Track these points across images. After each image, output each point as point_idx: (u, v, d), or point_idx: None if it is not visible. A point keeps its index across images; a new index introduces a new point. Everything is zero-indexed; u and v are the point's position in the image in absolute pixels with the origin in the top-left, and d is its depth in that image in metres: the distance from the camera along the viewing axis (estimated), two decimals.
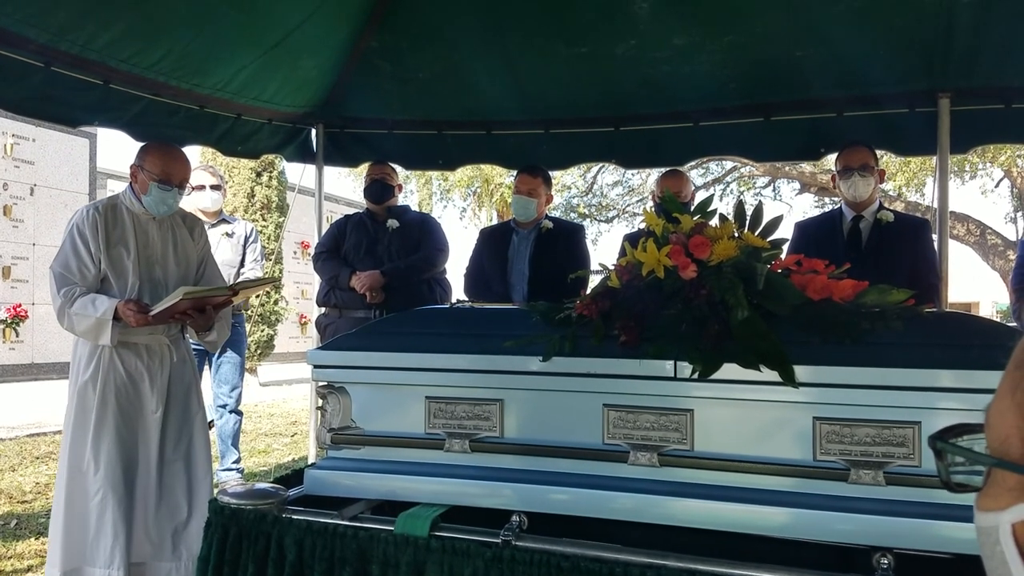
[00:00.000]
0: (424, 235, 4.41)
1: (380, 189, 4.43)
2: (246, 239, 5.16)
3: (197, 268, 3.28)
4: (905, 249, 3.44)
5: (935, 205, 4.11)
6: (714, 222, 2.00)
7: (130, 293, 3.01)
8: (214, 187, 4.98)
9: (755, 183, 17.19)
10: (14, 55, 3.13)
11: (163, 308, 2.87)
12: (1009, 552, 0.70)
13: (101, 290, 3.01)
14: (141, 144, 3.24)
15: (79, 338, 3.04)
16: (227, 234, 5.00)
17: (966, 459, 0.77)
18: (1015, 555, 0.70)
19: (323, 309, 4.50)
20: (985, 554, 0.74)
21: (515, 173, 4.31)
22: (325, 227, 4.77)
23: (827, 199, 15.38)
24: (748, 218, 2.01)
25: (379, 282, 4.18)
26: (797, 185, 16.31)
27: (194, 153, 10.85)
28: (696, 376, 1.73)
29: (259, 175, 13.34)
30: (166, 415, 3.09)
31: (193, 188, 4.96)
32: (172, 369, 3.13)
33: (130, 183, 3.14)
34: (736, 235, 1.94)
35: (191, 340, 3.31)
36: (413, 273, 4.27)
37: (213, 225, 4.97)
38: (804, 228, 3.77)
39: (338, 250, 4.43)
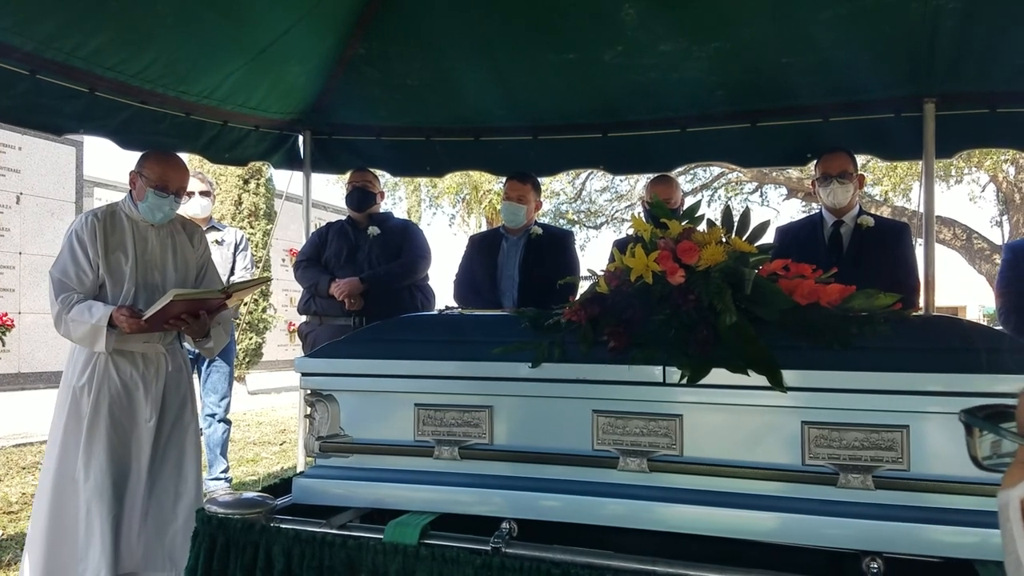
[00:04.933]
0: (406, 242, 4.38)
1: (361, 196, 4.41)
2: (236, 246, 5.15)
3: (197, 274, 3.28)
4: (885, 253, 3.46)
5: (921, 210, 4.13)
6: (702, 227, 2.01)
7: (125, 298, 3.01)
8: (203, 193, 4.97)
9: (742, 188, 17.27)
10: None
11: (155, 312, 2.86)
12: (1016, 528, 0.70)
13: (99, 296, 3.01)
14: (126, 150, 3.23)
15: (76, 345, 3.03)
16: (217, 241, 4.99)
17: (991, 433, 0.78)
18: (1020, 529, 0.70)
19: (305, 317, 4.48)
20: (1001, 533, 0.74)
21: (504, 180, 4.31)
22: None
23: (814, 204, 15.41)
24: (735, 223, 2.02)
25: (358, 289, 4.16)
26: (784, 190, 16.40)
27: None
28: (685, 381, 1.73)
29: (246, 182, 13.28)
30: (159, 424, 3.08)
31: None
32: (168, 378, 3.12)
33: (129, 190, 3.15)
34: (724, 240, 1.94)
35: (187, 346, 3.29)
36: (393, 280, 4.25)
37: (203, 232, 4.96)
38: (785, 233, 3.77)
39: (319, 258, 4.41)
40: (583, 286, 2.11)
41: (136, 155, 3.20)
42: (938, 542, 1.57)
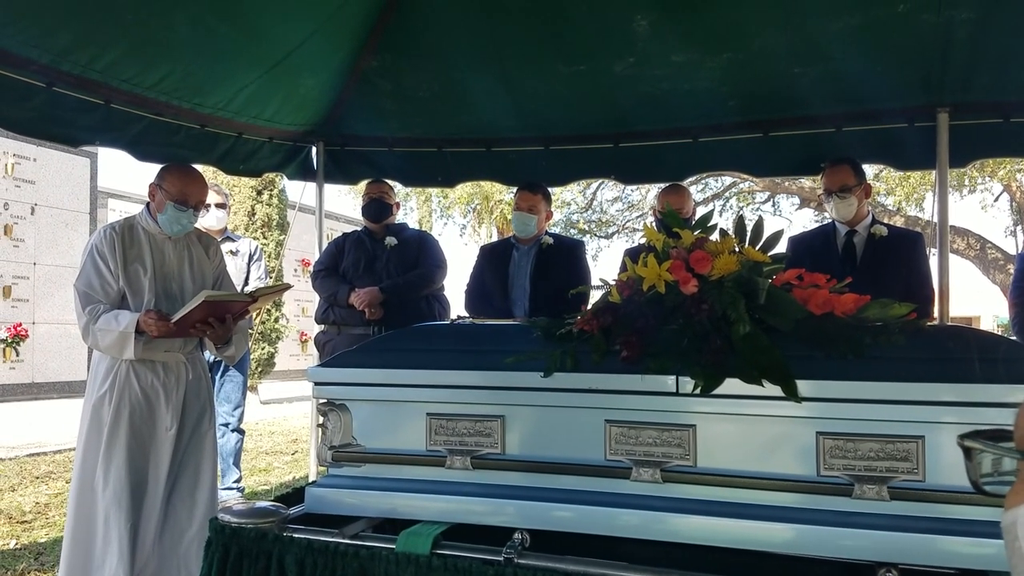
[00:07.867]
0: (422, 252, 4.43)
1: (378, 208, 4.45)
2: (251, 256, 5.17)
3: (213, 284, 3.32)
4: (899, 263, 3.45)
5: (935, 219, 4.11)
6: (714, 237, 2.00)
7: (146, 308, 3.04)
8: (219, 205, 4.99)
9: (754, 198, 17.24)
10: (16, 76, 3.16)
11: (184, 314, 2.90)
12: None
13: (122, 307, 3.06)
14: (142, 162, 3.28)
15: (99, 354, 3.07)
16: (231, 252, 5.01)
17: (990, 453, 0.77)
18: None
19: (322, 327, 4.50)
20: (1008, 553, 0.73)
21: (515, 190, 4.32)
22: (325, 245, 4.79)
23: (827, 214, 15.38)
24: (748, 233, 2.01)
25: (378, 298, 4.19)
26: (796, 200, 16.35)
27: None
28: (698, 391, 1.72)
29: (260, 193, 13.39)
30: (179, 432, 3.11)
31: None
32: (188, 386, 3.15)
33: (147, 203, 3.20)
34: (737, 250, 1.94)
35: (208, 354, 3.31)
36: (411, 290, 4.28)
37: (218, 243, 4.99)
38: (798, 242, 3.76)
39: (336, 268, 4.45)
40: (595, 295, 2.11)
41: (152, 166, 3.24)
42: (954, 553, 1.56)
